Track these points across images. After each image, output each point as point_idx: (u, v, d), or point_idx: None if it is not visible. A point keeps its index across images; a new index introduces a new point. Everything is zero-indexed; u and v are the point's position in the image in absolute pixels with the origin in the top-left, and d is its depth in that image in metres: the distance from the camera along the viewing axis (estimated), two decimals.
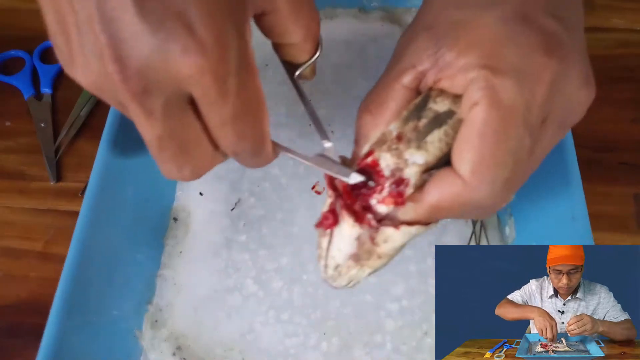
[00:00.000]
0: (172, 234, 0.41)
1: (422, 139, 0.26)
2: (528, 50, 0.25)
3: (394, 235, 0.27)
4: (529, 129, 0.25)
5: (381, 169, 0.26)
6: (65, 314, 0.32)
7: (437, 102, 0.27)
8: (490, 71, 0.25)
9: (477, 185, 0.25)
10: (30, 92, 0.50)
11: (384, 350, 0.36)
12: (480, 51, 0.25)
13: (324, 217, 0.28)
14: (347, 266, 0.28)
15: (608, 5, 0.53)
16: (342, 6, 0.51)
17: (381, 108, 0.28)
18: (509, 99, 0.24)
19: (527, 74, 0.25)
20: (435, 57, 0.27)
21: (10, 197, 0.46)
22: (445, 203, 0.26)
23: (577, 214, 0.34)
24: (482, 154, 0.25)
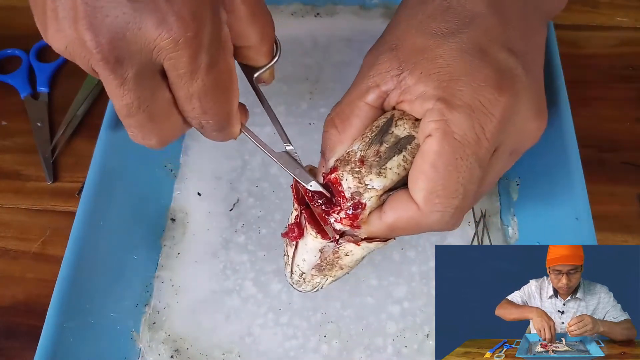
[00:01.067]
0: (170, 235, 0.41)
1: (383, 165, 0.28)
2: (481, 85, 0.26)
3: (354, 250, 0.29)
4: (478, 161, 0.26)
5: (343, 189, 0.28)
6: (62, 315, 0.32)
7: (398, 126, 0.28)
8: (445, 105, 0.26)
9: (429, 212, 0.27)
10: (26, 91, 0.50)
11: (385, 353, 0.36)
12: (437, 82, 0.27)
13: (290, 229, 0.30)
14: (311, 275, 0.31)
15: (612, 4, 0.52)
16: (343, 3, 0.50)
17: (346, 124, 0.29)
18: (461, 133, 0.26)
19: (478, 109, 0.26)
20: (398, 79, 0.28)
21: (6, 197, 0.45)
22: (400, 224, 0.28)
23: (581, 215, 0.33)
24: (434, 184, 0.26)
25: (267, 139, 0.30)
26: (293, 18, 0.50)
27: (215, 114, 0.26)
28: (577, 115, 0.36)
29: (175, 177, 0.43)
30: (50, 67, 0.51)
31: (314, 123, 0.44)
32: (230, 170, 0.43)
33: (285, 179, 0.43)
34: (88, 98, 0.49)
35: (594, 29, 0.51)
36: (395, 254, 0.39)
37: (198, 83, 0.24)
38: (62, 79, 0.51)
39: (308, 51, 0.48)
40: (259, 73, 0.29)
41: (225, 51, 0.24)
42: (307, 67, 0.47)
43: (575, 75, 0.46)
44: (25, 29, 0.53)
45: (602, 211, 0.41)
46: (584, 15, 0.52)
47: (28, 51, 0.52)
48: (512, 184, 0.40)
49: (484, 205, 0.41)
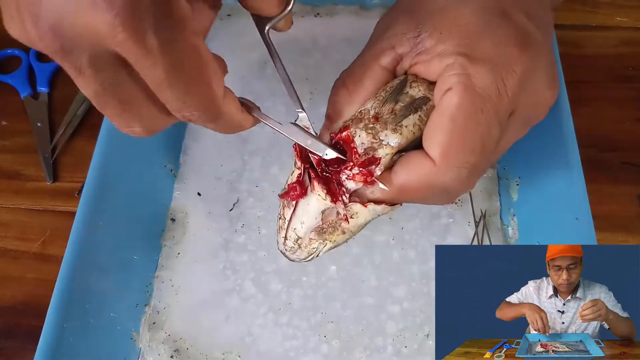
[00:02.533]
0: (170, 235, 0.41)
1: (399, 122, 0.27)
2: (503, 42, 0.26)
3: (360, 212, 0.27)
4: (498, 118, 0.26)
5: (355, 145, 0.27)
6: (62, 315, 0.32)
7: (412, 87, 0.28)
8: (466, 58, 0.25)
9: (446, 167, 0.26)
10: (26, 91, 0.50)
11: (385, 353, 0.36)
12: (458, 39, 0.26)
13: (290, 188, 0.28)
14: (309, 239, 0.29)
15: (612, 4, 0.52)
16: (343, 3, 0.50)
17: (358, 85, 0.28)
18: (482, 86, 0.25)
19: (500, 64, 0.26)
20: (414, 41, 0.27)
21: (6, 197, 0.45)
22: (412, 184, 0.26)
23: (581, 215, 0.33)
24: (453, 137, 0.25)
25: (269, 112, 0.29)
26: (293, 18, 0.50)
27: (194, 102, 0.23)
28: (577, 115, 0.36)
29: (175, 177, 0.43)
30: (50, 67, 0.51)
31: (314, 123, 0.44)
32: (230, 170, 0.43)
33: (285, 179, 0.43)
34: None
35: (594, 29, 0.51)
36: (395, 254, 0.39)
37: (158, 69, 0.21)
38: (62, 79, 0.51)
39: (308, 51, 0.48)
40: (272, 23, 0.27)
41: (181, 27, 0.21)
42: (307, 67, 0.47)
43: (575, 75, 0.46)
44: None
45: (602, 211, 0.41)
46: (584, 15, 0.52)
47: (28, 51, 0.52)
48: (512, 184, 0.40)
49: (484, 205, 0.41)
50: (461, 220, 0.40)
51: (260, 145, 0.44)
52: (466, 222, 0.40)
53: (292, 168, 0.43)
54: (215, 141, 0.44)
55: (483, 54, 0.26)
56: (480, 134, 0.25)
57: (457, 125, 0.25)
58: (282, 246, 0.30)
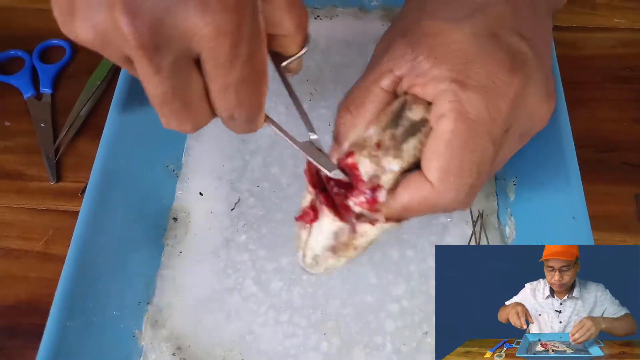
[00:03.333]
0: (172, 234, 0.41)
1: (399, 148, 0.28)
2: (495, 67, 0.27)
3: (370, 231, 0.29)
4: (492, 141, 0.27)
5: (360, 173, 0.28)
6: (64, 314, 0.32)
7: (412, 110, 0.29)
8: (459, 85, 0.26)
9: (444, 191, 0.27)
10: (29, 92, 0.50)
11: (384, 351, 0.36)
12: (451, 65, 0.27)
13: (304, 212, 0.30)
14: (324, 257, 0.30)
15: (609, 5, 0.53)
16: (342, 5, 0.51)
17: (360, 109, 0.29)
18: (475, 112, 0.26)
19: (492, 90, 0.27)
20: (412, 64, 0.28)
21: (10, 197, 0.46)
22: (414, 205, 0.28)
23: (578, 214, 0.33)
24: (449, 163, 0.27)
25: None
26: None
27: (249, 105, 0.25)
28: (574, 116, 0.36)
29: (177, 177, 0.44)
30: (53, 68, 0.51)
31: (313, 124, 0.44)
32: (231, 170, 0.44)
33: (286, 179, 0.43)
34: (91, 99, 0.49)
35: (591, 30, 0.51)
36: (394, 253, 0.39)
37: (236, 74, 0.23)
38: (65, 79, 0.51)
39: (308, 53, 0.48)
40: (289, 62, 0.29)
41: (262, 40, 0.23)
42: (307, 69, 0.48)
43: (572, 76, 0.47)
44: (28, 30, 0.53)
45: (600, 211, 0.42)
46: (582, 17, 0.52)
47: (31, 52, 0.52)
48: (509, 183, 0.41)
49: (481, 205, 0.41)
50: (459, 219, 0.40)
51: (261, 146, 0.44)
52: (464, 222, 0.40)
53: (292, 169, 0.43)
54: (216, 141, 0.45)
55: (475, 80, 0.27)
56: (475, 158, 0.27)
57: (452, 151, 0.26)
58: (301, 262, 0.32)
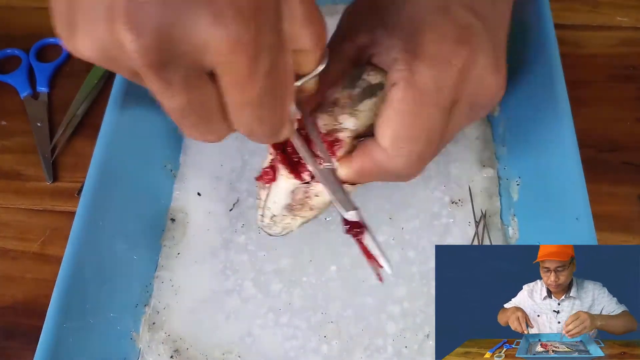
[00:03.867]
0: (170, 235, 0.41)
1: (355, 107, 0.30)
2: (442, 38, 0.28)
3: (324, 191, 0.30)
4: (439, 110, 0.28)
5: (319, 126, 0.29)
6: (61, 315, 0.32)
7: (370, 75, 0.30)
8: (410, 54, 0.28)
9: (395, 155, 0.28)
10: (26, 91, 0.50)
11: (385, 353, 0.36)
12: (404, 35, 0.28)
13: (264, 172, 0.31)
14: (282, 216, 0.32)
15: (612, 3, 0.52)
16: (343, 2, 0.50)
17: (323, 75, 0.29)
18: (424, 82, 0.27)
19: (440, 59, 0.27)
20: (371, 34, 0.30)
21: (6, 197, 0.45)
22: (368, 169, 0.29)
23: (581, 215, 0.33)
24: (399, 129, 0.28)
25: None
26: None
27: (270, 122, 0.23)
28: (577, 115, 0.36)
29: (175, 177, 0.43)
30: (50, 67, 0.51)
31: None
32: (230, 170, 0.43)
33: None
34: (88, 98, 0.49)
35: (594, 28, 0.51)
36: (395, 254, 0.39)
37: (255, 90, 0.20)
38: (61, 78, 0.51)
39: None
40: (304, 81, 0.26)
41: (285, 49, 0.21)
42: None
43: (575, 75, 0.46)
44: (25, 29, 0.53)
45: (603, 211, 0.41)
46: (585, 15, 0.52)
47: (28, 51, 0.52)
48: (513, 184, 0.40)
49: (484, 205, 0.40)
50: (461, 220, 0.40)
51: (261, 145, 0.44)
52: (466, 222, 0.40)
53: None
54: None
55: (424, 51, 0.28)
56: (423, 125, 0.28)
57: (402, 118, 0.27)
58: (260, 223, 0.33)
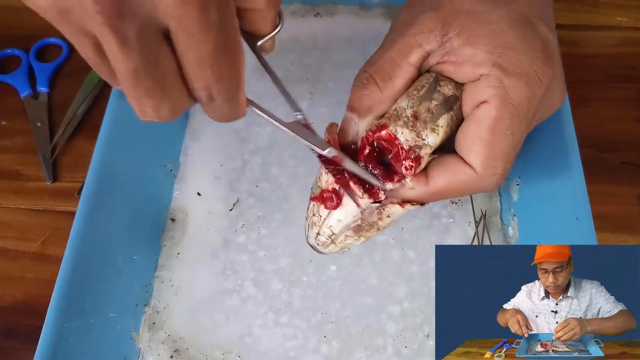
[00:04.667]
0: (170, 235, 0.41)
1: (435, 122, 0.28)
2: (534, 56, 0.28)
3: (397, 212, 0.29)
4: (527, 124, 0.28)
5: (400, 142, 0.28)
6: (61, 315, 0.32)
7: (442, 86, 0.29)
8: (502, 71, 0.27)
9: (488, 175, 0.28)
10: (26, 91, 0.50)
11: (385, 353, 0.36)
12: (491, 47, 0.27)
13: (327, 198, 0.29)
14: (344, 236, 0.30)
15: (612, 3, 0.52)
16: (343, 3, 0.50)
17: (388, 83, 0.29)
18: (518, 100, 0.27)
19: (533, 78, 0.27)
20: (441, 39, 0.29)
21: (6, 197, 0.45)
22: (450, 188, 0.28)
23: (581, 215, 0.33)
24: (493, 149, 0.27)
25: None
26: (293, 18, 0.50)
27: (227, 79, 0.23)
28: (577, 115, 0.36)
29: (175, 177, 0.43)
30: (50, 67, 0.51)
31: (313, 123, 0.44)
32: (230, 170, 0.43)
33: (285, 179, 0.43)
34: (88, 98, 0.49)
35: (594, 28, 0.51)
36: (395, 254, 0.39)
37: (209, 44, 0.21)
38: (61, 78, 0.51)
39: (308, 51, 0.48)
40: (263, 41, 0.27)
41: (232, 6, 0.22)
42: (307, 67, 0.47)
43: (575, 75, 0.46)
44: (25, 28, 0.53)
45: (603, 211, 0.41)
46: (585, 15, 0.52)
47: (28, 51, 0.52)
48: (512, 184, 0.40)
49: (484, 205, 0.40)
50: (461, 220, 0.40)
51: (261, 145, 0.44)
52: (466, 222, 0.40)
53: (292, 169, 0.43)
54: (215, 141, 0.44)
55: (518, 67, 0.27)
56: (515, 142, 0.28)
57: (496, 137, 0.27)
58: (313, 240, 0.31)
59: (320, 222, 0.30)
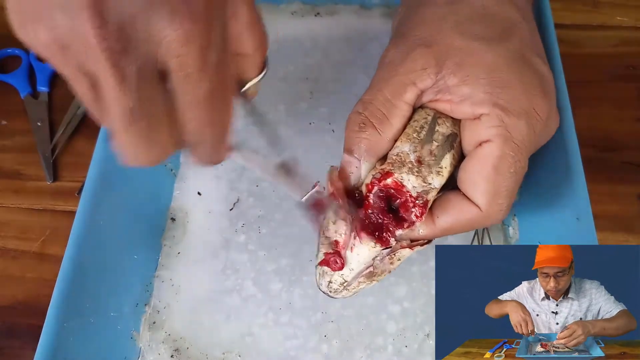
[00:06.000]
0: (170, 235, 0.41)
1: (439, 164, 0.28)
2: (531, 91, 0.28)
3: (406, 254, 0.29)
4: (527, 157, 0.29)
5: (408, 190, 0.28)
6: (62, 315, 0.32)
7: (440, 124, 0.29)
8: (502, 111, 0.27)
9: (493, 212, 0.28)
10: (26, 91, 0.50)
11: (385, 352, 0.36)
12: (488, 87, 0.27)
13: (332, 261, 0.29)
14: (357, 282, 0.30)
15: (612, 3, 0.52)
16: (343, 3, 0.50)
17: (386, 124, 0.29)
18: (520, 138, 0.27)
19: (532, 115, 0.28)
20: (435, 77, 0.28)
21: (6, 196, 0.45)
22: (458, 226, 0.29)
23: (582, 215, 0.33)
24: (498, 187, 0.28)
25: None
26: (293, 17, 0.50)
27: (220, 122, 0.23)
28: (577, 115, 0.36)
29: (175, 176, 0.43)
30: (50, 67, 0.51)
31: (314, 123, 0.44)
32: (230, 169, 0.43)
33: None
34: None
35: (594, 28, 0.51)
36: None
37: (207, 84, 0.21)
38: (62, 78, 0.50)
39: (308, 51, 0.48)
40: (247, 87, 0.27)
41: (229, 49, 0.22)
42: (307, 67, 0.47)
43: (575, 74, 0.46)
44: None
45: (603, 211, 0.41)
46: (585, 15, 0.52)
47: (28, 51, 0.52)
48: None
49: None
50: None
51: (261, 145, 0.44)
52: None
53: None
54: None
55: (518, 106, 0.27)
56: (517, 179, 0.28)
57: (500, 175, 0.27)
58: (325, 288, 0.31)
59: (331, 271, 0.30)
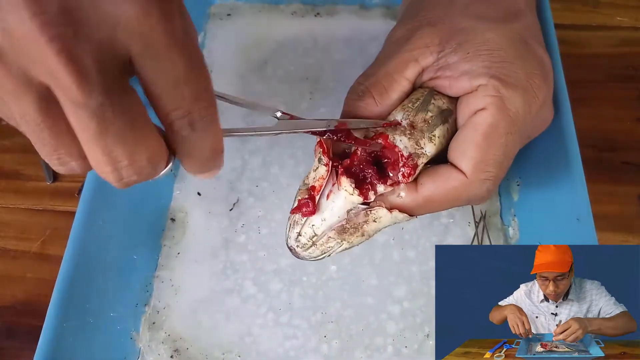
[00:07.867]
0: (170, 235, 0.41)
1: (432, 132, 0.28)
2: (532, 72, 0.29)
3: (384, 217, 0.28)
4: (520, 138, 0.29)
5: (400, 149, 0.28)
6: (61, 315, 0.32)
7: (436, 99, 0.29)
8: (500, 82, 0.28)
9: (476, 180, 0.28)
10: None
11: (385, 353, 0.36)
12: (488, 62, 0.28)
13: (304, 204, 0.28)
14: (327, 237, 0.28)
15: (612, 3, 0.52)
16: (343, 3, 0.50)
17: (384, 96, 0.30)
18: (514, 110, 0.28)
19: (529, 91, 0.28)
20: (438, 55, 0.29)
21: (6, 197, 0.45)
22: (439, 195, 0.28)
23: (582, 215, 0.33)
24: (485, 153, 0.27)
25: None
26: (293, 18, 0.50)
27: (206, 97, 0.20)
28: (577, 115, 0.36)
29: (175, 176, 0.43)
30: None
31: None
32: (230, 170, 0.43)
33: (285, 179, 0.43)
34: None
35: (594, 28, 0.51)
36: (395, 254, 0.39)
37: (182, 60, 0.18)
38: None
39: (308, 51, 0.48)
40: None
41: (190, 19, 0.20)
42: (307, 67, 0.47)
43: (575, 75, 0.46)
44: None
45: (603, 211, 0.41)
46: (584, 15, 0.52)
47: None
48: (513, 184, 0.40)
49: (484, 205, 0.40)
50: (461, 220, 0.40)
51: (261, 145, 0.44)
52: (466, 223, 0.40)
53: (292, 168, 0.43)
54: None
55: (515, 80, 0.28)
56: (507, 151, 0.28)
57: (490, 142, 0.27)
58: (293, 242, 0.29)
59: (302, 220, 0.29)
